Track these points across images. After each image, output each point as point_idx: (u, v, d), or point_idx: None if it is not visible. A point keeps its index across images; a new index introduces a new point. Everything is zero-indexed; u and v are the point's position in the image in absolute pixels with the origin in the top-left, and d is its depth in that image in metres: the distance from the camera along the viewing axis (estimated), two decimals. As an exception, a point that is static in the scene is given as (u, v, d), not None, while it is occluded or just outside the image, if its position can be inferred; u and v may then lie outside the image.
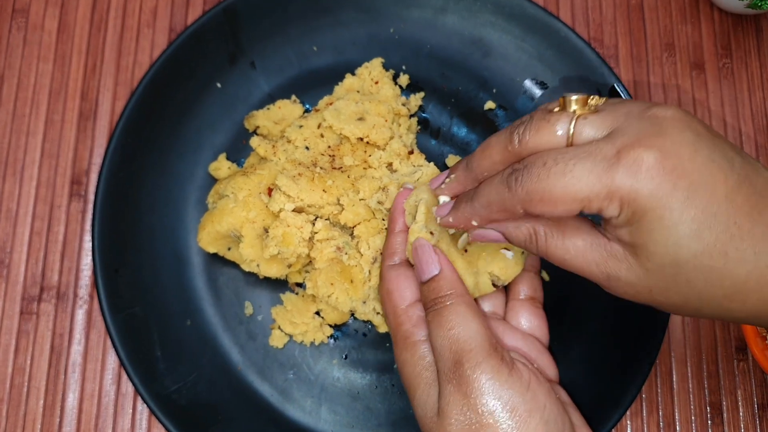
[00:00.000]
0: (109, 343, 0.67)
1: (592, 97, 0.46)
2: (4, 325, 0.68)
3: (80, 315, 0.68)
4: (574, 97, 0.45)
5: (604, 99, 0.47)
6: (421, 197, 0.56)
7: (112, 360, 0.67)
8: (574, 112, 0.45)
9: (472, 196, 0.49)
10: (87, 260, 0.69)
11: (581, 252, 0.45)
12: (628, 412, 0.68)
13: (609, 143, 0.42)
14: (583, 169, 0.42)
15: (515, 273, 0.56)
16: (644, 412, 0.68)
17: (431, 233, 0.55)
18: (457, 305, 0.50)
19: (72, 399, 0.66)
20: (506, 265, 0.56)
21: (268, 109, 0.69)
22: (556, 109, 0.46)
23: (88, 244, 0.69)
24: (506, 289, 0.60)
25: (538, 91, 0.71)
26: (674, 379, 0.69)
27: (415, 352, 0.51)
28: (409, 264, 0.56)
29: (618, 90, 0.68)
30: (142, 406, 0.66)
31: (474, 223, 0.49)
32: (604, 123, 0.44)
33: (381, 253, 0.60)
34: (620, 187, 0.41)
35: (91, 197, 0.70)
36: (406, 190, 0.59)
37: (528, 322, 0.58)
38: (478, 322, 0.50)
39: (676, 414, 0.68)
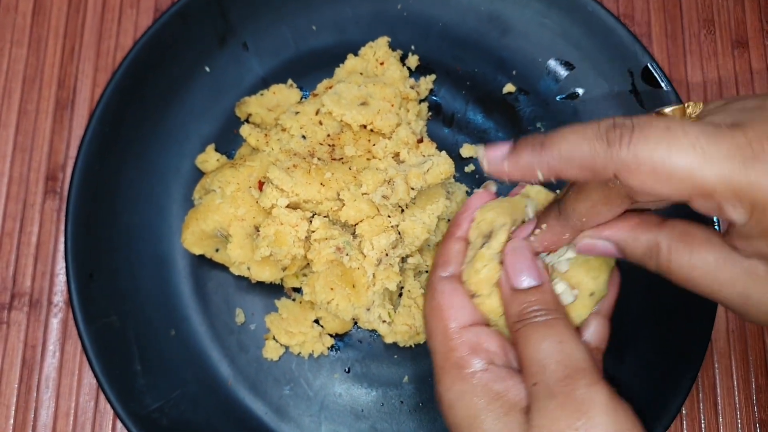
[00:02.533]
0: (85, 355, 0.62)
1: (687, 104, 0.40)
2: (-29, 336, 0.62)
3: (55, 324, 0.63)
4: (668, 109, 0.40)
5: (700, 104, 0.40)
6: (503, 222, 0.49)
7: (89, 375, 0.63)
8: None
9: (542, 141, 0.41)
10: (62, 264, 0.64)
11: (712, 269, 0.40)
12: (667, 432, 0.63)
13: (738, 131, 0.35)
14: (718, 148, 0.35)
15: (580, 318, 0.49)
16: (685, 430, 0.64)
17: (501, 263, 0.48)
18: (565, 322, 0.45)
19: (45, 417, 0.62)
20: (570, 306, 0.48)
21: (262, 94, 0.65)
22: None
23: (63, 246, 0.63)
24: None
25: (563, 72, 0.65)
26: (719, 394, 0.64)
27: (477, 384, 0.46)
28: (461, 279, 0.51)
29: (652, 70, 0.61)
30: (122, 427, 0.62)
31: (539, 175, 0.41)
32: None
33: (432, 260, 0.54)
34: (758, 187, 0.34)
35: (68, 194, 0.64)
36: (485, 194, 0.53)
37: None
38: (585, 347, 0.45)
39: (722, 433, 0.64)
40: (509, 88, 0.66)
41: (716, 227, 0.56)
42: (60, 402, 0.62)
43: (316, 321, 0.62)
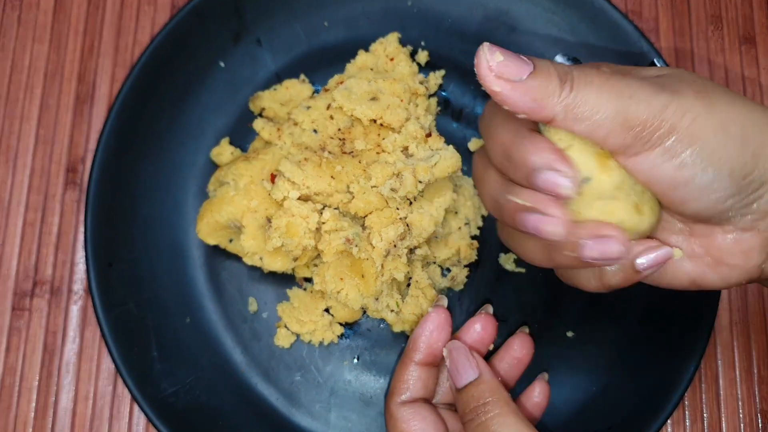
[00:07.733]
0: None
1: None
2: (-5, 322, 0.64)
3: (75, 311, 0.64)
4: None
5: None
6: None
7: (108, 360, 0.64)
8: None
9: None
10: (82, 253, 0.65)
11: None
12: (669, 421, 0.64)
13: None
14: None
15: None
16: (687, 420, 0.64)
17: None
18: (504, 416, 0.46)
19: (65, 401, 0.63)
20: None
21: (275, 89, 0.66)
22: None
23: (83, 236, 0.65)
24: None
25: (569, 68, 0.65)
26: (721, 385, 0.64)
27: None
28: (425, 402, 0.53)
29: (657, 65, 0.62)
30: (139, 410, 0.63)
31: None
32: None
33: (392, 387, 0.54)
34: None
35: (87, 186, 0.66)
36: (437, 314, 0.54)
37: None
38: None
39: (723, 424, 0.64)
40: (517, 83, 0.67)
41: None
42: (80, 386, 0.63)
43: (327, 310, 0.62)
